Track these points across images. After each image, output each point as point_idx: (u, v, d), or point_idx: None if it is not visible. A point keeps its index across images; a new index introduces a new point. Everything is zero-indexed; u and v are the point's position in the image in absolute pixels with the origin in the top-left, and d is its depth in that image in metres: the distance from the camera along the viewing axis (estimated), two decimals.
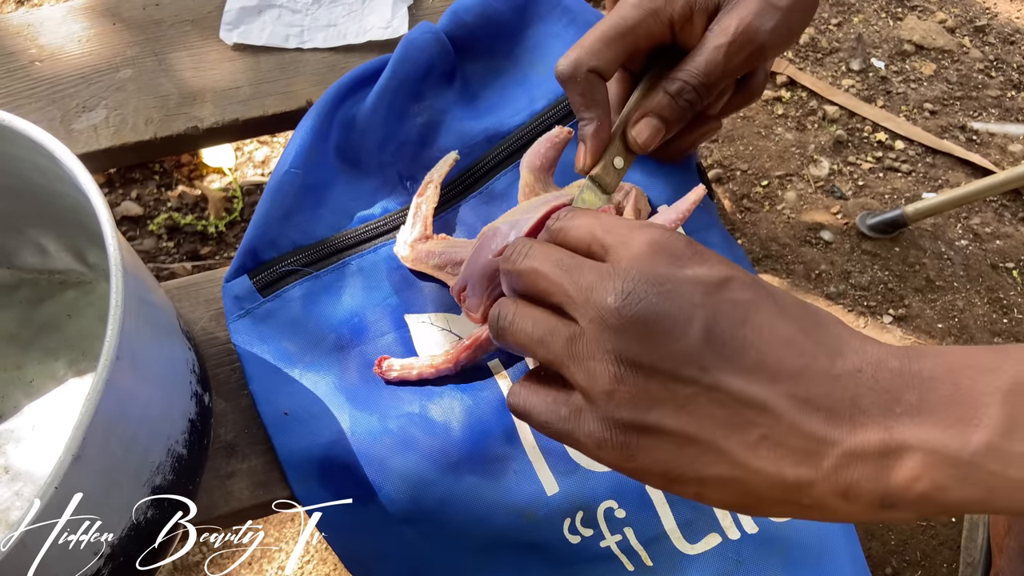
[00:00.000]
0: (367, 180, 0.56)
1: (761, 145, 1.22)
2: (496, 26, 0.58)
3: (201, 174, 1.13)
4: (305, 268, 0.52)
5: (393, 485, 0.47)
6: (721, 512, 0.46)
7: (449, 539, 0.47)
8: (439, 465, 0.47)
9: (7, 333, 0.55)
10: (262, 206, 0.53)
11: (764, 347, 0.28)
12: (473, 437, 0.48)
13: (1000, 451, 0.25)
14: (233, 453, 0.50)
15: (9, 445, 0.51)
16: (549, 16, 0.59)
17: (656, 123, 0.43)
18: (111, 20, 0.69)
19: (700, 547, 0.46)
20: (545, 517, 0.46)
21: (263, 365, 0.51)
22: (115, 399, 0.37)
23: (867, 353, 0.28)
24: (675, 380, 0.28)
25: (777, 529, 0.46)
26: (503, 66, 0.60)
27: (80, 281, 0.56)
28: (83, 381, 0.53)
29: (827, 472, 0.27)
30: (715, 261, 0.30)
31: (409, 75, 0.56)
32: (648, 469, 0.30)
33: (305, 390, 0.50)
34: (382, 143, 0.56)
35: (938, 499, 0.26)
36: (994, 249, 1.13)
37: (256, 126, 0.64)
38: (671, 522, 0.46)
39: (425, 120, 0.57)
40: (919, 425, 0.27)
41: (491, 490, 0.47)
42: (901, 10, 1.37)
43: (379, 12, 0.68)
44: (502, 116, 0.58)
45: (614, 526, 0.46)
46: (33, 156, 0.45)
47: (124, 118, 0.63)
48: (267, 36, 0.67)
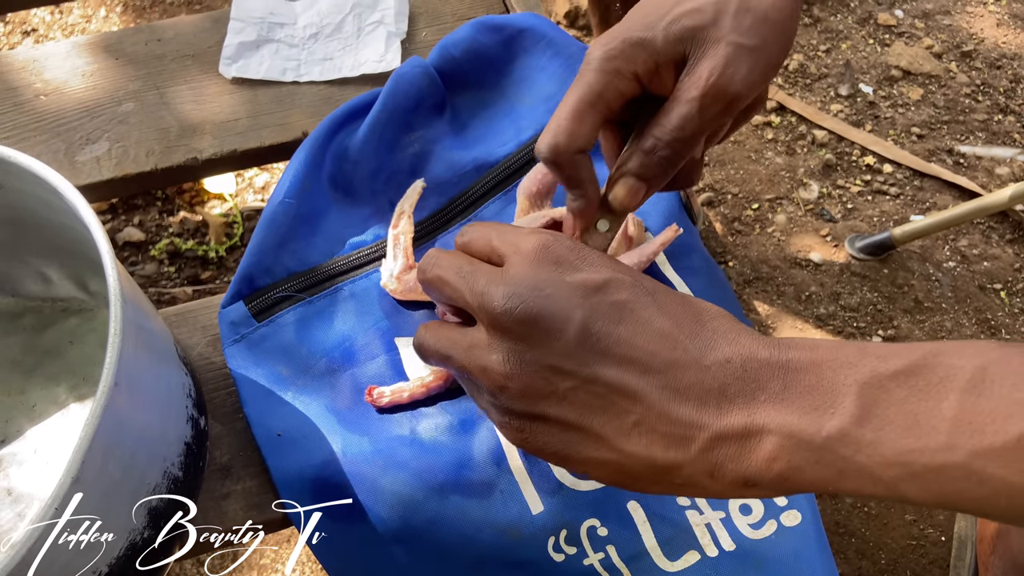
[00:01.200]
0: (360, 208, 0.58)
1: (751, 169, 1.24)
2: (483, 60, 0.61)
3: (202, 200, 1.15)
4: (299, 294, 0.54)
5: (383, 505, 0.48)
6: (700, 530, 0.48)
7: (438, 558, 0.48)
8: (428, 485, 0.49)
9: (11, 359, 0.57)
10: (257, 234, 0.55)
11: (638, 342, 0.31)
12: (461, 458, 0.50)
13: (851, 437, 0.28)
14: (228, 475, 0.52)
15: (12, 468, 0.53)
16: (534, 49, 0.62)
17: (633, 183, 0.42)
18: (114, 55, 0.71)
19: (680, 564, 0.47)
20: (530, 535, 0.47)
21: (257, 388, 0.52)
22: (113, 424, 0.39)
23: (739, 345, 0.31)
24: (556, 374, 0.31)
25: (754, 546, 0.47)
26: (491, 98, 0.62)
27: (82, 308, 0.58)
28: (84, 406, 0.55)
29: (695, 455, 0.30)
30: (599, 265, 0.33)
31: (399, 107, 0.58)
32: (541, 450, 0.33)
33: (298, 412, 0.51)
34: (374, 173, 0.58)
35: (794, 479, 0.29)
36: (982, 271, 1.14)
37: (254, 157, 0.67)
38: (651, 540, 0.47)
39: (416, 151, 0.59)
40: (779, 411, 0.29)
41: (478, 509, 0.48)
42: (888, 36, 1.39)
43: (373, 47, 0.70)
44: (490, 146, 0.60)
45: (597, 544, 0.47)
46: (37, 190, 0.47)
47: (126, 150, 0.65)
48: (265, 70, 0.69)
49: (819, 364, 0.30)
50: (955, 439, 0.27)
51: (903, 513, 0.95)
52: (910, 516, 0.95)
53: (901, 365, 0.28)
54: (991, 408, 0.26)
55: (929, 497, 0.28)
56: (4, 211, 0.52)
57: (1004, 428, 0.26)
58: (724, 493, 0.31)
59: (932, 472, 0.27)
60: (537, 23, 0.62)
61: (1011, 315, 1.11)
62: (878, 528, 0.94)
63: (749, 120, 0.50)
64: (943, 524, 0.94)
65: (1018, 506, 0.27)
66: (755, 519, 0.48)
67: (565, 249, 0.34)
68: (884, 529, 0.94)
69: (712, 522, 0.48)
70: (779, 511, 0.48)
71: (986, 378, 0.27)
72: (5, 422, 0.54)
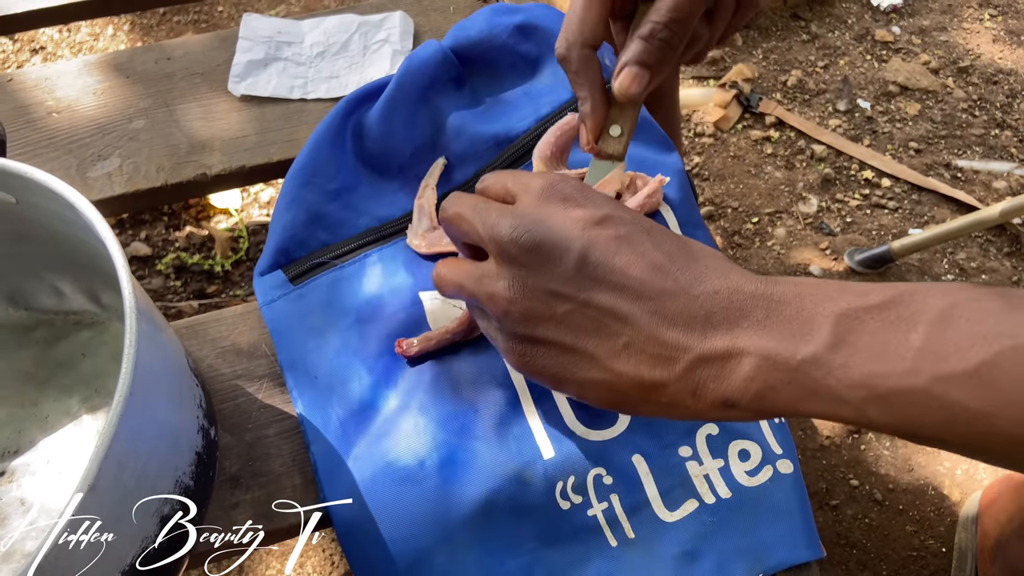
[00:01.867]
0: (389, 182, 0.62)
1: (751, 183, 1.26)
2: (499, 41, 0.64)
3: (208, 215, 1.17)
4: (332, 261, 0.59)
5: (401, 446, 0.51)
6: (698, 480, 0.50)
7: (447, 502, 0.50)
8: (446, 429, 0.51)
9: (24, 372, 0.58)
10: (287, 212, 0.59)
11: (632, 271, 0.34)
12: (478, 404, 0.53)
13: (822, 361, 0.30)
14: (237, 484, 0.53)
15: (25, 478, 0.54)
16: (549, 34, 0.64)
17: (636, 70, 0.44)
18: (125, 74, 0.73)
19: (679, 514, 0.50)
20: (540, 479, 0.50)
21: (294, 339, 0.57)
22: (128, 434, 0.40)
23: (728, 279, 0.33)
24: (555, 298, 0.35)
25: (749, 493, 0.50)
26: (508, 76, 0.65)
27: (94, 321, 0.59)
28: (96, 417, 0.56)
29: (679, 374, 0.33)
30: (600, 203, 0.36)
31: (414, 84, 0.61)
32: (540, 372, 0.37)
33: (330, 359, 0.55)
34: (399, 147, 0.62)
35: (769, 399, 0.31)
36: (980, 283, 1.15)
37: (262, 172, 0.68)
38: (653, 490, 0.50)
39: (436, 126, 0.62)
40: (759, 336, 0.31)
41: (493, 452, 0.51)
42: (886, 52, 1.41)
43: (378, 64, 0.72)
44: (510, 121, 0.63)
45: (601, 493, 0.50)
46: (53, 205, 0.49)
47: (137, 166, 0.67)
48: (272, 88, 0.70)
49: (801, 297, 0.32)
50: (919, 365, 0.28)
51: (904, 524, 0.96)
52: (911, 527, 0.96)
53: (877, 300, 0.30)
54: (956, 339, 0.28)
55: (893, 420, 0.29)
56: (20, 226, 0.53)
57: (966, 357, 0.28)
58: (705, 413, 0.33)
59: (896, 395, 0.29)
60: (548, 11, 0.65)
61: None
62: (879, 540, 0.95)
63: (749, 16, 0.50)
64: (944, 535, 0.95)
65: (975, 432, 0.28)
66: (752, 465, 0.50)
67: (570, 188, 0.37)
68: (885, 541, 0.95)
69: (711, 472, 0.50)
70: (775, 458, 0.51)
71: (954, 314, 0.29)
72: (18, 433, 0.55)
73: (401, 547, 0.49)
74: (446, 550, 0.49)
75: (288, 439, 0.55)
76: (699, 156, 1.30)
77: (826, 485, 0.99)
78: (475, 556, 0.49)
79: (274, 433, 0.55)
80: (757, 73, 1.38)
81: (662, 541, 0.49)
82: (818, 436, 1.02)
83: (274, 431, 0.55)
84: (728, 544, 0.49)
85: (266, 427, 0.55)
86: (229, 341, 0.58)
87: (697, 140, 1.32)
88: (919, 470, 1.00)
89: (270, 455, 0.54)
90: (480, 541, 0.49)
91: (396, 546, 0.49)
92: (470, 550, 0.49)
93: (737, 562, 0.49)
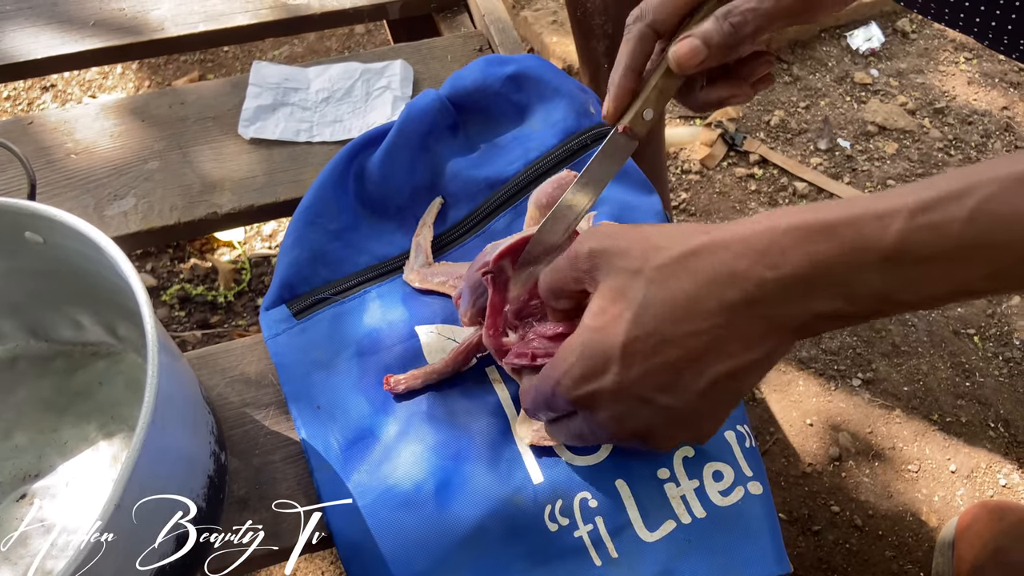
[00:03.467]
0: (387, 223, 0.66)
1: (736, 218, 1.30)
2: (492, 90, 0.68)
3: (212, 248, 1.21)
4: (334, 296, 0.63)
5: (400, 472, 0.55)
6: (676, 501, 0.53)
7: (442, 526, 0.53)
8: (441, 456, 0.55)
9: (44, 400, 0.61)
10: (292, 250, 0.63)
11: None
12: (473, 431, 0.56)
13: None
14: (245, 507, 0.56)
15: (45, 500, 0.57)
16: (537, 84, 0.69)
17: (697, 43, 0.46)
18: (140, 117, 0.77)
19: (659, 534, 0.53)
20: (530, 502, 0.53)
21: (297, 371, 0.60)
22: (149, 458, 0.43)
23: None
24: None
25: (722, 512, 0.53)
26: (499, 123, 0.69)
27: (110, 352, 0.63)
28: (112, 442, 0.59)
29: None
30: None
31: (414, 131, 0.66)
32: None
33: (331, 390, 0.59)
34: (398, 191, 0.66)
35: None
36: (955, 316, 1.20)
37: (269, 211, 0.72)
38: (635, 512, 0.53)
39: (434, 170, 0.67)
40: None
41: (486, 477, 0.54)
42: (864, 94, 1.47)
43: (380, 109, 0.76)
44: (501, 165, 0.67)
45: (587, 515, 0.53)
46: (78, 245, 0.53)
47: (151, 205, 0.71)
48: (280, 131, 0.75)
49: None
50: None
51: (884, 550, 0.99)
52: (890, 553, 0.99)
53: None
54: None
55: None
56: (45, 263, 0.57)
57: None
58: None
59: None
60: (538, 63, 0.69)
61: (984, 359, 1.16)
62: (859, 564, 0.98)
63: (767, 85, 0.54)
64: (922, 560, 0.98)
65: None
66: (725, 486, 0.53)
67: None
68: (865, 565, 0.98)
69: (687, 493, 0.53)
70: (747, 480, 0.54)
71: None
72: (39, 458, 0.59)
73: (400, 568, 0.52)
74: (442, 571, 0.52)
75: (293, 464, 0.58)
76: (686, 192, 1.35)
77: (808, 511, 1.02)
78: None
79: (280, 458, 0.58)
80: (741, 113, 1.43)
81: (643, 560, 0.52)
82: (800, 464, 1.06)
83: (280, 456, 0.58)
84: (703, 561, 0.52)
85: (272, 452, 0.58)
86: (237, 371, 0.62)
87: (684, 177, 1.37)
88: (898, 497, 1.03)
89: (276, 479, 0.57)
90: (474, 562, 0.52)
91: (395, 567, 0.52)
92: (465, 571, 0.52)
93: None
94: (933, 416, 1.10)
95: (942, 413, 1.11)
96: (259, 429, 0.59)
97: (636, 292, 0.41)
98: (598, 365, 0.42)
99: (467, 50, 0.82)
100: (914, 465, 1.06)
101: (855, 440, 1.08)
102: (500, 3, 0.83)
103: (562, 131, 0.67)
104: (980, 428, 1.09)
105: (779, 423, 1.09)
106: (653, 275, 0.40)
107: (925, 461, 1.07)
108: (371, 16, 0.87)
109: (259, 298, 1.16)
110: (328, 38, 1.52)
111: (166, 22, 0.84)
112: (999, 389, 1.13)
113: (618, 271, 0.42)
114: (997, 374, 1.14)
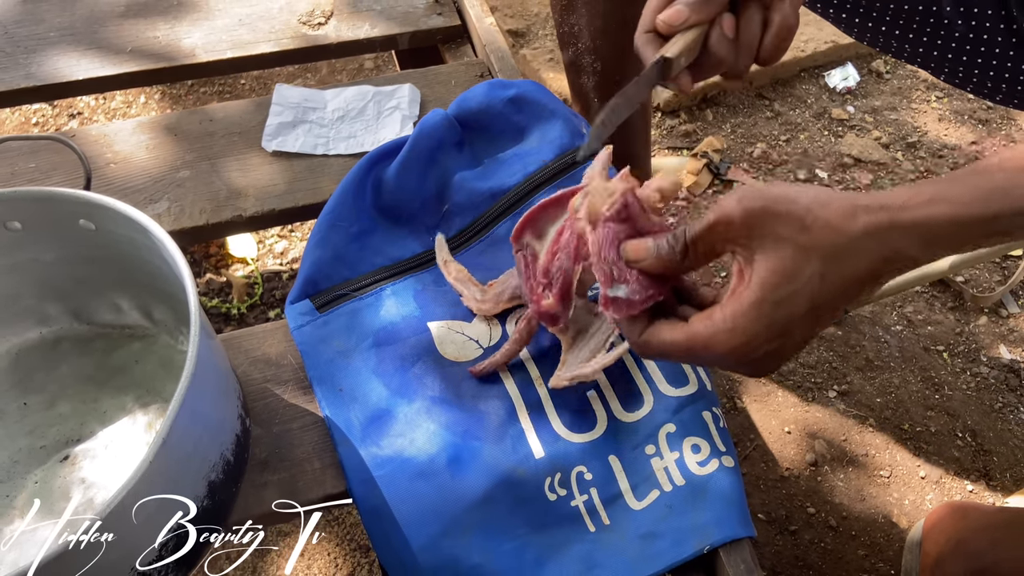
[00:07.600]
0: (400, 228, 0.74)
1: None
2: (494, 111, 0.77)
3: (227, 263, 1.28)
4: (352, 292, 0.70)
5: (415, 447, 0.62)
6: (660, 473, 0.60)
7: (455, 493, 0.60)
8: (452, 433, 0.62)
9: (86, 374, 0.68)
10: (316, 249, 0.71)
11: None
12: (481, 412, 0.64)
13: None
14: (266, 467, 0.63)
15: (86, 461, 0.64)
16: (535, 107, 0.77)
17: (680, 7, 0.54)
18: (173, 132, 0.85)
19: (645, 502, 0.60)
20: (532, 474, 0.60)
21: (321, 358, 0.67)
22: (189, 410, 0.50)
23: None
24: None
25: (699, 480, 0.60)
26: (501, 141, 0.78)
27: (146, 335, 0.70)
28: (147, 412, 0.66)
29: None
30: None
31: (425, 147, 0.74)
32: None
33: (352, 375, 0.66)
34: (410, 199, 0.74)
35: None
36: (926, 334, 1.27)
37: (289, 215, 0.80)
38: (625, 484, 0.60)
39: (442, 182, 0.75)
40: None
41: (493, 451, 0.61)
42: (841, 129, 1.56)
43: (390, 127, 0.84)
44: (502, 178, 0.75)
45: (583, 487, 0.60)
46: (127, 231, 0.60)
47: (183, 208, 0.79)
48: (299, 145, 0.83)
49: None
50: None
51: (856, 549, 1.05)
52: (863, 551, 1.05)
53: None
54: None
55: None
56: (93, 250, 0.64)
57: None
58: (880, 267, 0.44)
59: None
60: (536, 88, 0.78)
61: (953, 374, 1.23)
62: (833, 562, 1.04)
63: (785, 43, 0.58)
64: (892, 559, 1.04)
65: None
66: (702, 457, 0.60)
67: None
68: (839, 563, 1.04)
69: (669, 464, 0.60)
70: (721, 454, 0.61)
71: None
72: (80, 425, 0.65)
73: (415, 531, 0.59)
74: (453, 534, 0.59)
75: (309, 432, 0.65)
76: (673, 218, 1.43)
77: (785, 512, 1.08)
78: (477, 539, 0.59)
79: (297, 427, 0.65)
80: (726, 145, 1.52)
81: (631, 525, 0.59)
82: (779, 468, 1.12)
83: (297, 425, 0.65)
84: (682, 524, 0.59)
85: (291, 422, 0.65)
86: (260, 352, 0.69)
87: (671, 203, 1.45)
88: (871, 500, 1.09)
89: (294, 444, 0.64)
90: (481, 527, 0.59)
91: (411, 530, 0.59)
92: (473, 534, 0.59)
93: (689, 539, 0.58)
94: (904, 426, 1.17)
95: (913, 423, 1.17)
96: (279, 402, 0.66)
97: (812, 270, 0.43)
98: (774, 337, 0.45)
99: (469, 76, 0.90)
100: (886, 471, 1.12)
101: (830, 447, 1.14)
102: (500, 35, 0.92)
103: (558, 147, 0.75)
104: (948, 437, 1.16)
105: (759, 431, 1.15)
106: (828, 254, 0.43)
107: (896, 467, 1.13)
108: (383, 46, 0.96)
109: (270, 311, 1.23)
110: (339, 72, 1.62)
111: (197, 49, 0.92)
112: (967, 402, 1.19)
113: (784, 242, 0.44)
114: (965, 388, 1.21)
